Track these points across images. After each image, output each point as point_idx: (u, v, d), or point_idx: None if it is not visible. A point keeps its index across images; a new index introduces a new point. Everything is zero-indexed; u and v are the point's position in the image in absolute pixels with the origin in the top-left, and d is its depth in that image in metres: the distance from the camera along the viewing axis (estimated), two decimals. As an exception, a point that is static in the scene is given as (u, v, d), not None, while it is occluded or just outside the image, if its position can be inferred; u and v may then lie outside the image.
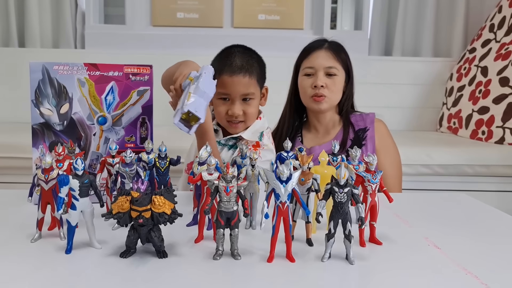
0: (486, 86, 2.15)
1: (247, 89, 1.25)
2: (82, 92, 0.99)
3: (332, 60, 1.41)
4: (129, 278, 0.61)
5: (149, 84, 1.00)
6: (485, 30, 2.38)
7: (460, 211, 1.03)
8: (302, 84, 1.44)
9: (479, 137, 2.12)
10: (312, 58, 1.43)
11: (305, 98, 1.44)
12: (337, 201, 0.66)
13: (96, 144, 1.00)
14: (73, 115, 0.99)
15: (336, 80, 1.40)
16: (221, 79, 1.22)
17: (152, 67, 1.01)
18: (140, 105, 1.01)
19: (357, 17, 2.87)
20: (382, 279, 0.63)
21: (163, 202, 0.66)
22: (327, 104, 1.41)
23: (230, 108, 1.25)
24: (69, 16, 2.50)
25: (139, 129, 1.01)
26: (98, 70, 0.99)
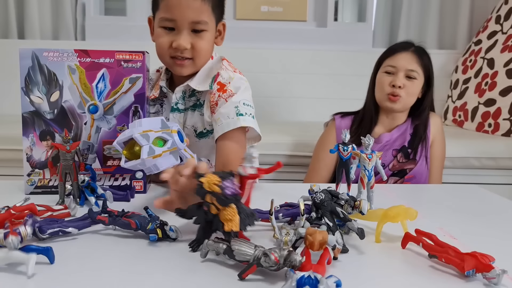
0: (492, 78, 2.11)
1: (198, 16, 1.03)
2: (73, 79, 0.97)
3: (415, 64, 1.44)
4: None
5: (142, 71, 0.98)
6: (491, 21, 2.33)
7: (473, 203, 1.02)
8: (380, 80, 1.47)
9: (486, 129, 2.08)
10: (396, 58, 1.46)
11: (381, 94, 1.47)
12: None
13: (88, 133, 0.98)
14: (64, 103, 0.97)
15: (414, 83, 1.44)
16: (165, 1, 1.03)
17: (145, 54, 0.98)
18: (132, 93, 0.98)
19: (361, 8, 2.82)
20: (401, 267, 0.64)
21: (233, 215, 0.61)
22: (400, 105, 1.44)
23: (174, 39, 1.05)
24: (69, 7, 2.49)
25: (132, 118, 0.98)
26: (88, 57, 0.96)
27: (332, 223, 0.69)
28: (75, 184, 0.87)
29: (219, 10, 1.11)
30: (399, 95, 1.42)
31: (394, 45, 1.54)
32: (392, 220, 0.73)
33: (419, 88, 1.46)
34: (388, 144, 1.46)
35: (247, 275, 0.57)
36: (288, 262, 0.56)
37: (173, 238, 0.69)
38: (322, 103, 2.50)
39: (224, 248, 0.61)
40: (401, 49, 1.48)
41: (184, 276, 0.60)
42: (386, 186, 1.23)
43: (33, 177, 0.98)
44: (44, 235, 0.67)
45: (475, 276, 0.59)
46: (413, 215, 0.72)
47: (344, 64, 2.56)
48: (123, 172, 0.98)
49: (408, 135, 1.47)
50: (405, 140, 1.47)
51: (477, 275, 0.58)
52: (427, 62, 1.46)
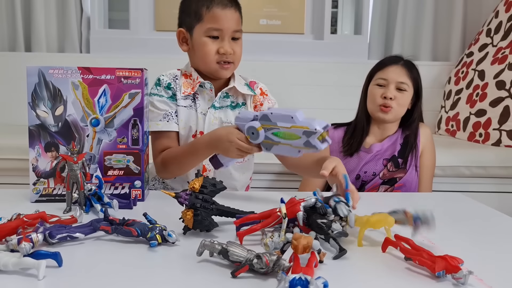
0: (483, 90, 2.17)
1: (237, 25, 1.21)
2: (76, 95, 1.03)
3: (405, 77, 1.50)
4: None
5: (141, 87, 1.04)
6: (482, 34, 2.40)
7: (457, 212, 1.07)
8: (372, 92, 1.53)
9: (477, 139, 2.13)
10: (387, 71, 1.52)
11: (372, 105, 1.53)
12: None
13: (90, 145, 1.05)
14: (68, 117, 1.04)
15: (404, 95, 1.50)
16: (211, 13, 1.17)
17: (143, 70, 1.05)
18: (131, 107, 1.05)
19: (357, 21, 2.89)
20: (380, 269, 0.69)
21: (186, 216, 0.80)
22: (392, 115, 1.50)
23: (221, 46, 1.18)
24: (75, 21, 2.56)
25: (131, 131, 1.05)
26: (91, 74, 1.03)
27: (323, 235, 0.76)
28: (81, 193, 0.93)
29: (242, 20, 1.28)
30: (391, 106, 1.49)
31: (385, 59, 1.61)
32: (373, 226, 0.79)
33: (409, 99, 1.53)
34: (379, 153, 1.51)
35: (239, 273, 0.64)
36: (277, 266, 0.63)
37: (171, 242, 0.75)
38: (319, 113, 2.54)
39: (219, 249, 0.67)
40: (391, 63, 1.54)
41: (183, 275, 0.67)
42: (376, 195, 1.29)
43: (38, 186, 1.04)
44: (54, 240, 0.73)
45: (446, 277, 0.64)
46: (391, 223, 0.79)
47: (341, 75, 2.62)
48: (123, 181, 1.06)
49: (398, 145, 1.53)
50: (395, 149, 1.52)
51: (447, 276, 0.64)
52: (416, 75, 1.54)
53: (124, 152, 1.05)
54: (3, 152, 1.82)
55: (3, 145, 1.83)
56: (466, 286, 0.63)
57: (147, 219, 0.80)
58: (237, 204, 0.89)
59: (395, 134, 1.55)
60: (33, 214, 0.78)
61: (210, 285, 0.63)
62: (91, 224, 0.79)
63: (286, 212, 0.78)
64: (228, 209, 0.86)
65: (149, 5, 2.69)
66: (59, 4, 2.57)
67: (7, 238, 0.68)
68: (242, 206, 0.89)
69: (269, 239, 0.74)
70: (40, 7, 2.52)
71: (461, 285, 0.63)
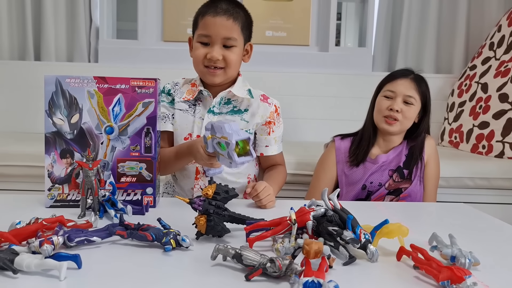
0: (486, 102, 2.20)
1: (229, 33, 1.23)
2: (91, 103, 1.07)
3: (413, 91, 1.52)
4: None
5: (154, 97, 1.08)
6: (485, 48, 2.43)
7: (462, 222, 1.09)
8: (379, 104, 1.55)
9: (480, 151, 2.15)
10: (395, 83, 1.54)
11: (378, 117, 1.55)
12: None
13: (104, 152, 1.08)
14: (83, 124, 1.07)
15: (411, 108, 1.51)
16: (203, 20, 1.24)
17: (157, 80, 1.08)
18: (145, 116, 1.08)
19: (361, 34, 2.93)
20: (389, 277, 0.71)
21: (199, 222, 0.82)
22: (397, 128, 1.52)
23: (209, 52, 1.24)
24: (84, 31, 2.61)
25: (144, 139, 1.08)
26: (106, 83, 1.06)
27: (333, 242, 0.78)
28: (96, 199, 0.96)
29: (248, 32, 1.32)
30: (397, 118, 1.50)
31: (395, 71, 1.63)
32: (387, 236, 0.81)
33: (415, 113, 1.54)
34: (384, 164, 1.54)
35: (253, 276, 0.66)
36: (289, 270, 0.66)
37: (185, 246, 0.78)
38: (324, 124, 2.59)
39: (233, 253, 0.69)
40: (401, 76, 1.56)
41: (198, 278, 0.69)
42: (383, 204, 1.31)
43: (53, 192, 1.07)
44: (72, 243, 0.75)
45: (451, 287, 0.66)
46: (405, 232, 0.81)
47: (345, 87, 2.65)
48: (135, 188, 1.08)
49: (404, 156, 1.55)
50: (400, 161, 1.54)
51: (453, 286, 0.66)
52: (424, 90, 1.55)
53: (137, 159, 1.08)
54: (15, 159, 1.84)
55: (14, 152, 1.86)
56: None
57: (161, 224, 0.83)
58: (247, 212, 0.92)
59: (400, 145, 1.58)
60: (52, 218, 0.80)
61: (225, 287, 0.65)
62: (107, 229, 0.81)
63: (295, 219, 0.80)
64: (239, 216, 0.89)
65: (157, 15, 2.74)
66: (69, 14, 2.62)
67: (29, 240, 0.71)
68: (252, 214, 0.92)
69: (280, 244, 0.77)
70: (50, 17, 2.56)
71: (464, 295, 0.64)
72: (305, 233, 0.82)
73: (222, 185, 0.87)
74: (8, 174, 1.84)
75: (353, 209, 0.85)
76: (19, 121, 2.48)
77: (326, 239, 0.79)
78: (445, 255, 0.77)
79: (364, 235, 0.78)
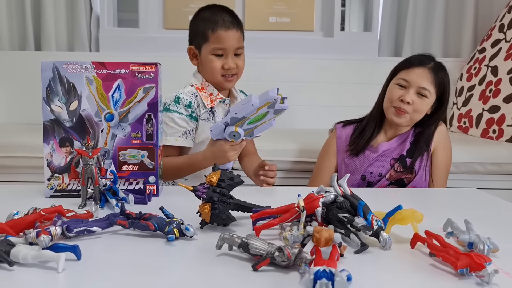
0: (496, 86, 2.14)
1: (239, 43, 1.37)
2: (90, 89, 1.03)
3: (429, 83, 1.39)
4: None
5: (155, 82, 1.04)
6: (494, 30, 2.37)
7: (476, 207, 1.06)
8: (391, 91, 1.44)
9: (490, 135, 2.11)
10: (411, 72, 1.41)
11: (388, 105, 1.45)
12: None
13: (104, 140, 1.04)
14: (82, 112, 1.03)
15: (424, 101, 1.40)
16: (216, 35, 1.34)
17: (157, 65, 1.04)
18: (146, 102, 1.04)
19: (367, 18, 2.87)
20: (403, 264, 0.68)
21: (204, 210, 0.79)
22: (405, 120, 1.43)
23: (225, 62, 1.35)
24: (84, 20, 2.57)
25: (145, 126, 1.04)
26: (105, 68, 1.03)
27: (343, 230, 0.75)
28: (96, 188, 0.93)
29: (243, 36, 1.44)
30: (406, 111, 1.40)
31: (413, 57, 1.49)
32: (400, 222, 0.78)
33: (428, 106, 1.43)
34: (386, 153, 1.45)
35: (261, 266, 0.62)
36: (298, 259, 0.62)
37: (189, 236, 0.74)
38: (329, 111, 2.54)
39: (239, 242, 0.66)
40: (418, 64, 1.42)
41: (203, 268, 0.66)
42: (392, 190, 1.27)
43: (52, 181, 1.04)
44: (71, 233, 0.72)
45: (470, 275, 0.62)
46: (420, 218, 0.77)
47: (351, 72, 2.60)
48: (137, 176, 1.05)
49: (408, 143, 1.46)
50: (404, 149, 1.46)
51: (472, 274, 0.62)
52: (442, 81, 1.41)
53: (138, 147, 1.04)
54: (16, 150, 1.82)
55: (15, 143, 1.84)
56: (491, 285, 0.61)
57: (164, 213, 0.80)
58: (252, 199, 0.88)
59: (406, 133, 1.49)
60: (50, 208, 0.77)
61: (231, 278, 0.62)
62: (108, 218, 0.78)
63: (304, 206, 0.77)
64: (245, 204, 0.86)
65: (158, 3, 2.69)
66: (68, 3, 2.57)
67: (26, 231, 0.68)
68: (258, 201, 0.88)
69: (288, 232, 0.73)
70: (50, 6, 2.52)
71: (485, 284, 0.61)
72: (314, 221, 0.79)
73: (227, 172, 0.83)
74: (9, 165, 1.81)
75: (362, 196, 0.81)
76: (20, 111, 2.45)
77: (336, 226, 0.76)
78: (462, 241, 0.73)
79: (376, 221, 0.74)
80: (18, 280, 0.60)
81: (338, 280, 0.53)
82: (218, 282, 0.61)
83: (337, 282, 0.53)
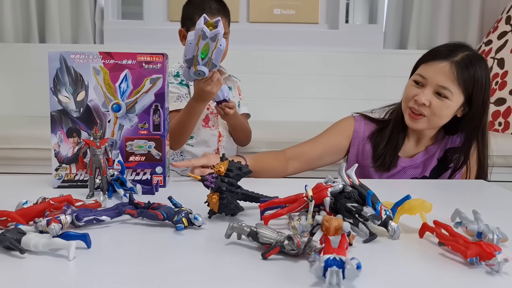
0: (502, 78, 2.14)
1: (226, 29, 1.45)
2: (97, 80, 1.03)
3: (449, 81, 1.15)
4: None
5: (162, 72, 1.04)
6: (501, 22, 2.35)
7: (483, 198, 1.06)
8: (406, 89, 1.24)
9: (496, 128, 2.10)
10: (430, 67, 1.18)
11: (404, 106, 1.25)
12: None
13: (111, 130, 1.04)
14: (89, 102, 1.03)
15: (444, 103, 1.17)
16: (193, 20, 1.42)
17: (164, 55, 1.04)
18: (153, 92, 1.04)
19: (372, 10, 2.86)
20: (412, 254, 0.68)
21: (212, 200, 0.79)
22: (423, 125, 1.21)
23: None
24: (88, 12, 2.57)
25: (152, 116, 1.04)
26: (112, 59, 1.02)
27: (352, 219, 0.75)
28: (104, 178, 0.93)
29: (229, 22, 1.59)
30: (422, 114, 1.19)
31: (438, 47, 1.23)
32: (409, 212, 0.77)
33: (451, 110, 1.18)
34: (407, 170, 1.29)
35: (270, 255, 0.63)
36: (308, 247, 0.62)
37: (198, 225, 0.74)
38: (334, 103, 2.54)
39: (248, 231, 0.66)
40: (440, 57, 1.18)
41: (213, 257, 0.66)
42: (400, 181, 1.27)
43: (60, 172, 1.04)
44: (80, 222, 0.72)
45: (480, 264, 0.62)
46: (428, 208, 0.77)
47: (355, 65, 2.60)
48: (144, 167, 1.05)
49: (435, 161, 1.26)
50: (428, 168, 1.26)
51: (482, 263, 0.62)
52: (471, 78, 1.15)
53: (145, 137, 1.04)
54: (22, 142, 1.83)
55: (22, 135, 1.84)
56: (501, 274, 0.60)
57: (172, 202, 0.80)
58: (259, 189, 0.88)
59: (434, 144, 1.29)
60: (60, 197, 0.77)
61: (241, 266, 0.62)
62: (116, 208, 0.78)
63: (312, 195, 0.77)
64: (253, 194, 0.86)
65: (163, -5, 2.69)
66: (73, -5, 2.58)
67: (36, 219, 0.68)
68: (265, 192, 0.88)
69: (296, 222, 0.73)
70: (54, -2, 2.52)
71: (495, 272, 0.61)
72: (322, 211, 0.79)
73: (235, 162, 0.83)
74: (16, 157, 1.82)
75: (370, 186, 0.80)
76: (25, 104, 2.46)
77: (344, 216, 0.76)
78: (471, 231, 0.73)
79: (384, 211, 0.74)
80: (29, 267, 0.61)
81: (348, 268, 0.53)
82: (228, 271, 0.61)
83: (348, 270, 0.53)
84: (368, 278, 0.58)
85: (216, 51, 1.11)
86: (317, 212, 0.79)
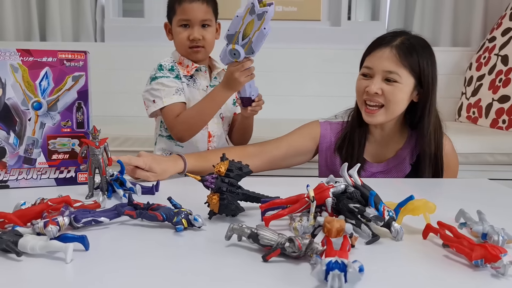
0: (506, 75, 2.12)
1: (206, 15, 1.38)
2: (16, 77, 1.00)
3: (395, 65, 1.14)
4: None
5: (84, 70, 1.03)
6: (505, 18, 2.33)
7: (488, 197, 1.04)
8: (357, 84, 1.23)
9: (500, 126, 2.09)
10: (373, 57, 1.18)
11: (358, 101, 1.24)
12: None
13: (32, 129, 1.02)
14: (7, 100, 1.00)
15: (396, 88, 1.15)
16: (181, 7, 1.37)
17: (86, 53, 1.03)
18: (75, 90, 1.03)
19: (374, 7, 2.84)
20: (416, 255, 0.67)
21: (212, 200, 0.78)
22: (381, 118, 1.18)
23: (191, 33, 1.37)
24: (89, 10, 2.56)
25: (75, 114, 1.03)
26: (31, 56, 1.00)
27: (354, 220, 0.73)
28: (103, 178, 0.92)
29: (216, 13, 1.46)
30: (378, 104, 1.16)
31: (378, 37, 1.22)
32: (412, 213, 0.76)
33: (404, 92, 1.16)
34: (376, 175, 1.25)
35: (271, 257, 0.61)
36: (309, 249, 0.61)
37: (198, 226, 0.73)
38: (336, 101, 2.52)
39: (248, 233, 0.65)
40: (380, 45, 1.17)
41: (213, 258, 0.65)
42: (402, 180, 1.25)
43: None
44: (79, 224, 0.71)
45: (485, 266, 0.61)
46: (432, 209, 0.76)
47: (358, 62, 2.57)
48: (68, 165, 1.04)
49: (408, 166, 1.21)
50: (401, 173, 1.22)
51: (487, 265, 0.61)
52: (415, 59, 1.14)
53: (69, 135, 1.03)
54: None
55: None
56: (506, 277, 0.59)
57: (172, 203, 0.79)
58: (260, 190, 0.87)
59: (404, 148, 1.24)
60: (58, 198, 0.76)
61: (241, 268, 0.61)
62: (115, 209, 0.77)
63: (314, 196, 0.75)
64: (254, 194, 0.85)
65: (164, -8, 2.67)
66: (73, -8, 2.57)
67: (33, 221, 0.67)
68: (266, 192, 0.87)
69: (298, 223, 0.72)
70: (55, -4, 2.51)
71: (500, 275, 0.59)
72: (324, 211, 0.78)
73: (235, 162, 0.82)
74: None
75: (373, 186, 0.79)
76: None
77: (347, 217, 0.75)
78: (475, 232, 0.72)
79: (387, 212, 0.73)
80: (26, 270, 0.60)
81: (350, 272, 0.52)
82: (228, 273, 0.60)
83: (350, 273, 0.52)
84: (371, 280, 0.57)
85: (258, 33, 1.07)
86: (319, 213, 0.78)
